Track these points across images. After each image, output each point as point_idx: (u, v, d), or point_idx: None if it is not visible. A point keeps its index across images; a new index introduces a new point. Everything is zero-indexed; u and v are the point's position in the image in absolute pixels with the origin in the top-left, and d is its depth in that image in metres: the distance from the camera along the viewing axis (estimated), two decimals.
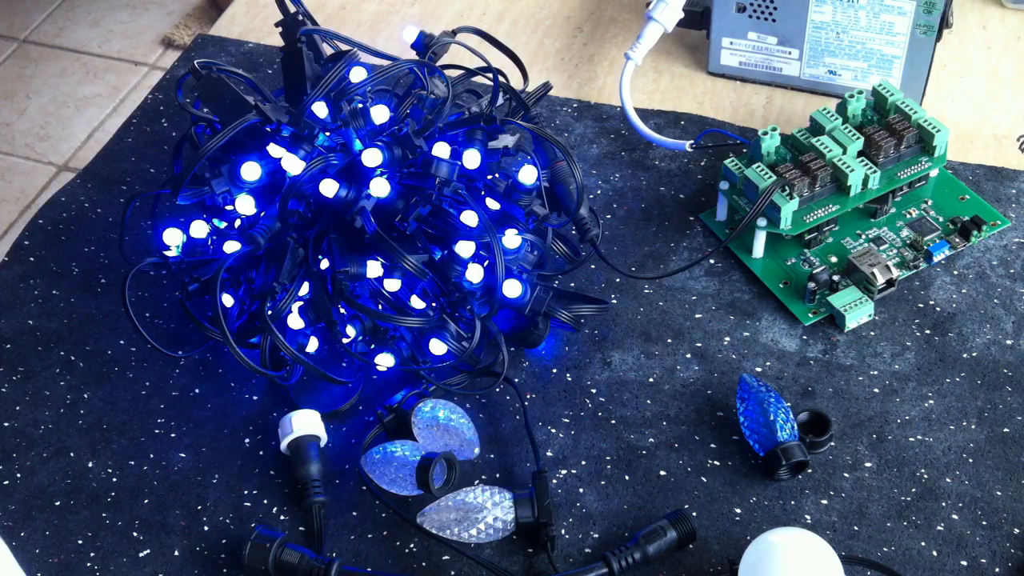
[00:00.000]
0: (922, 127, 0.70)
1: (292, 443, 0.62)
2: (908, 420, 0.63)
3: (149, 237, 0.74)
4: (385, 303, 0.63)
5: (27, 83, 1.96)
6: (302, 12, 0.67)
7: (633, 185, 0.76)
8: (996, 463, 0.61)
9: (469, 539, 0.58)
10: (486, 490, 0.59)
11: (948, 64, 0.83)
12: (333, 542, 0.60)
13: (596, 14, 0.90)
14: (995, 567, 0.57)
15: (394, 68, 0.64)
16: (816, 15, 0.76)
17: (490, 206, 0.64)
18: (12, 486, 0.63)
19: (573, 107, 0.82)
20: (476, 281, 0.62)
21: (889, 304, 0.68)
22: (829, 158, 0.68)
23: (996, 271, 0.69)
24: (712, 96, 0.82)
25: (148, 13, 2.09)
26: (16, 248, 0.76)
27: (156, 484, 0.63)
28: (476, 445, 0.63)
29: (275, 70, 0.87)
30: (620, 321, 0.68)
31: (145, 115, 0.84)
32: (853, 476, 0.61)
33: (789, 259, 0.70)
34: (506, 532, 0.59)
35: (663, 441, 0.63)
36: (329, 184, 0.60)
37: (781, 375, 0.65)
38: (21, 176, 1.81)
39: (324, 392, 0.66)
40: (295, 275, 0.62)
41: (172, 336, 0.70)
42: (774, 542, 0.53)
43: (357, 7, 0.93)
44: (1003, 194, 0.73)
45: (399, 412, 0.63)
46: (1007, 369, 0.64)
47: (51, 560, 0.60)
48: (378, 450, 0.61)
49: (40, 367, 0.69)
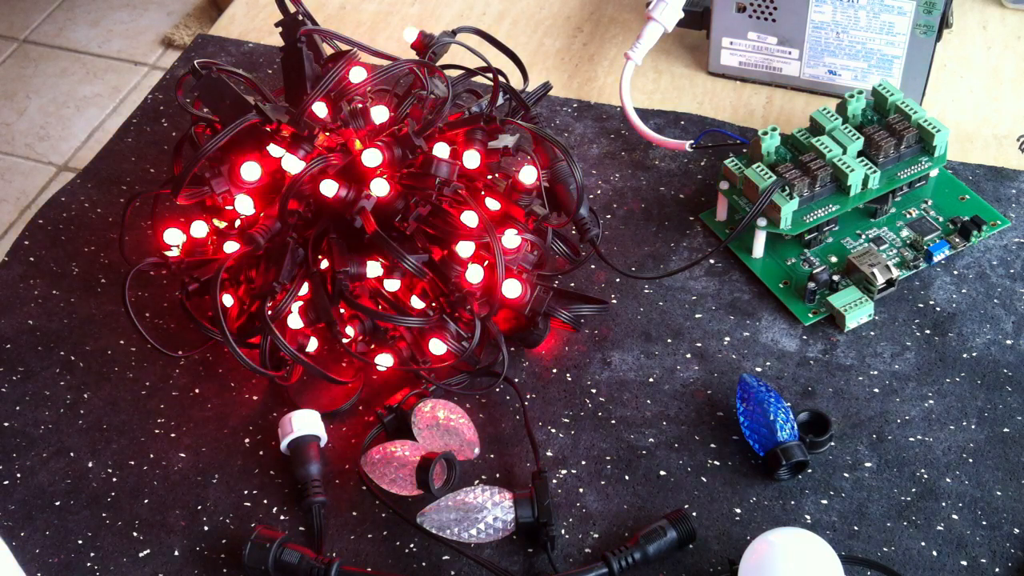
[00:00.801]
0: (922, 127, 0.70)
1: (292, 443, 0.62)
2: (908, 420, 0.63)
3: (149, 237, 0.74)
4: (385, 303, 0.63)
5: (27, 83, 1.96)
6: (302, 12, 0.67)
7: (633, 185, 0.76)
8: (996, 463, 0.61)
9: (469, 539, 0.58)
10: (486, 490, 0.59)
11: (948, 64, 0.83)
12: (333, 542, 0.60)
13: (596, 14, 0.90)
14: (995, 567, 0.57)
15: (394, 68, 0.64)
16: (816, 15, 0.76)
17: (490, 206, 0.64)
18: (12, 486, 0.63)
19: (573, 107, 0.82)
20: (476, 281, 0.62)
21: (889, 304, 0.68)
22: (829, 158, 0.68)
23: (996, 271, 0.69)
24: (712, 96, 0.82)
25: (148, 13, 2.09)
26: (16, 248, 0.76)
27: (156, 484, 0.63)
28: (476, 445, 0.63)
29: (275, 70, 0.87)
30: (620, 321, 0.68)
31: (145, 115, 0.84)
32: (853, 476, 0.61)
33: (789, 259, 0.70)
34: (506, 532, 0.59)
35: (663, 441, 0.63)
36: (329, 184, 0.60)
37: (781, 375, 0.65)
38: (21, 176, 1.81)
39: (324, 392, 0.66)
40: (295, 275, 0.62)
41: (172, 336, 0.70)
42: (774, 542, 0.53)
43: (357, 7, 0.93)
44: (1003, 194, 0.73)
45: (399, 412, 0.63)
46: (1007, 369, 0.64)
47: (51, 560, 0.60)
48: (378, 450, 0.61)
49: (40, 367, 0.69)
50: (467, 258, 0.62)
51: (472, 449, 0.62)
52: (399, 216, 0.61)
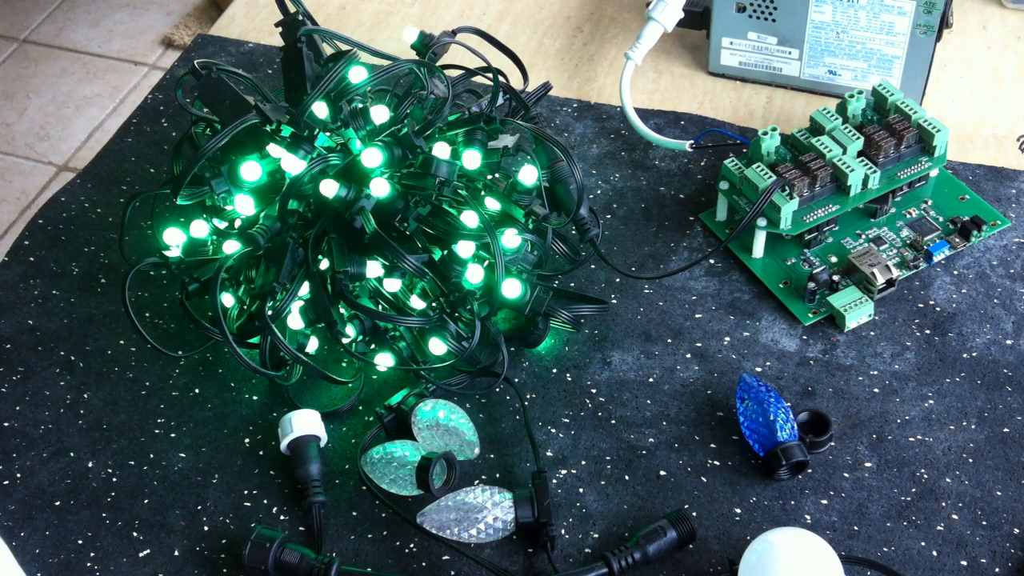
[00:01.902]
0: (922, 127, 0.70)
1: (292, 443, 0.62)
2: (908, 420, 0.63)
3: (149, 237, 0.74)
4: (385, 303, 0.63)
5: (27, 83, 1.96)
6: (302, 12, 0.67)
7: (633, 185, 0.76)
8: (996, 463, 0.61)
9: (469, 539, 0.58)
10: (486, 490, 0.59)
11: (948, 64, 0.83)
12: (333, 542, 0.60)
13: (596, 14, 0.90)
14: (995, 567, 0.57)
15: (394, 68, 0.64)
16: (816, 15, 0.76)
17: (490, 206, 0.64)
18: (12, 486, 0.63)
19: (573, 107, 0.82)
20: (476, 281, 0.62)
21: (889, 304, 0.68)
22: (829, 158, 0.68)
23: (996, 271, 0.69)
24: (712, 96, 0.82)
25: (148, 13, 2.09)
26: (16, 248, 0.76)
27: (156, 484, 0.63)
28: (476, 445, 0.63)
29: (275, 70, 0.87)
30: (620, 321, 0.68)
31: (145, 115, 0.84)
32: (853, 476, 0.61)
33: (789, 259, 0.70)
34: (506, 532, 0.59)
35: (663, 441, 0.63)
36: (329, 184, 0.60)
37: (781, 375, 0.65)
38: (21, 176, 1.81)
39: (324, 392, 0.66)
40: (295, 275, 0.62)
41: (172, 336, 0.70)
42: (774, 542, 0.53)
43: (357, 7, 0.93)
44: (1003, 194, 0.73)
45: (399, 412, 0.63)
46: (1007, 369, 0.64)
47: (51, 560, 0.60)
48: (378, 450, 0.61)
49: (40, 367, 0.69)
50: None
51: (472, 449, 0.62)
52: (399, 216, 0.61)
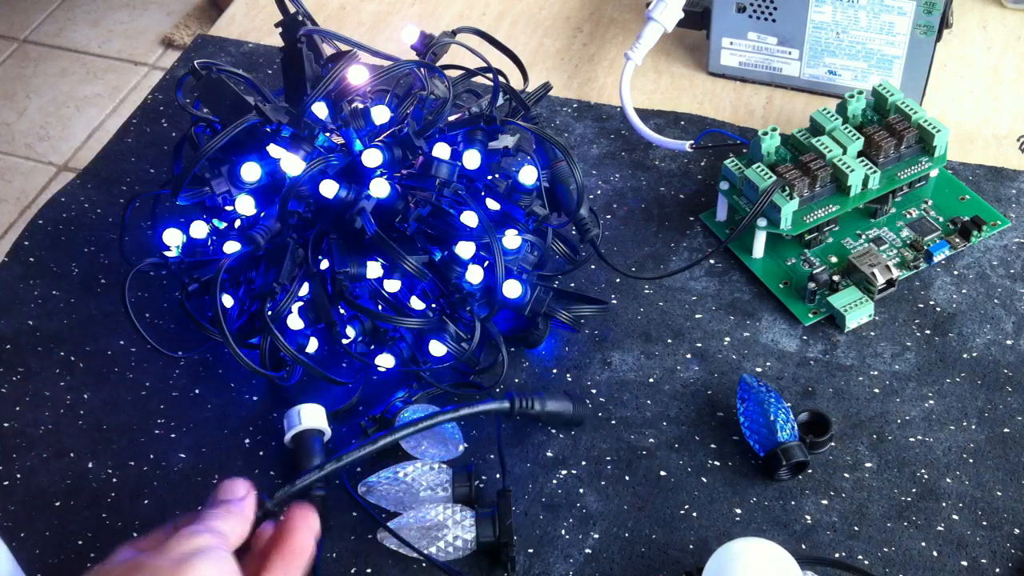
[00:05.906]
0: (922, 127, 0.70)
1: (296, 436, 0.62)
2: (908, 420, 0.63)
3: (149, 237, 0.74)
4: (385, 304, 0.63)
5: (27, 83, 1.96)
6: (302, 12, 0.67)
7: (633, 185, 0.76)
8: (996, 463, 0.61)
9: (429, 556, 0.58)
10: (448, 507, 0.58)
11: (948, 64, 0.83)
12: (333, 542, 0.60)
13: (596, 14, 0.90)
14: (995, 567, 0.57)
15: (394, 68, 0.64)
16: (816, 15, 0.76)
17: (490, 206, 0.64)
18: (12, 486, 0.63)
19: (573, 107, 0.82)
20: (476, 282, 0.62)
21: (889, 304, 0.68)
22: (829, 158, 0.68)
23: (996, 271, 0.69)
24: (712, 96, 0.82)
25: (148, 13, 2.09)
26: (16, 248, 0.76)
27: (156, 484, 0.63)
28: (460, 443, 0.62)
29: (275, 70, 0.87)
30: (620, 321, 0.68)
31: (145, 115, 0.84)
32: (853, 476, 0.61)
33: (789, 259, 0.70)
34: (467, 551, 0.58)
35: (663, 441, 0.63)
36: (329, 185, 0.60)
37: (781, 375, 0.65)
38: (21, 176, 1.81)
39: (324, 392, 0.66)
40: (295, 275, 0.62)
41: (172, 336, 0.70)
42: (735, 550, 0.53)
43: (357, 7, 0.93)
44: (1003, 194, 0.73)
45: (383, 421, 0.63)
46: (1007, 369, 0.64)
47: (51, 560, 0.60)
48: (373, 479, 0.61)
49: (40, 367, 0.69)
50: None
51: (457, 447, 0.62)
52: (399, 216, 0.61)
